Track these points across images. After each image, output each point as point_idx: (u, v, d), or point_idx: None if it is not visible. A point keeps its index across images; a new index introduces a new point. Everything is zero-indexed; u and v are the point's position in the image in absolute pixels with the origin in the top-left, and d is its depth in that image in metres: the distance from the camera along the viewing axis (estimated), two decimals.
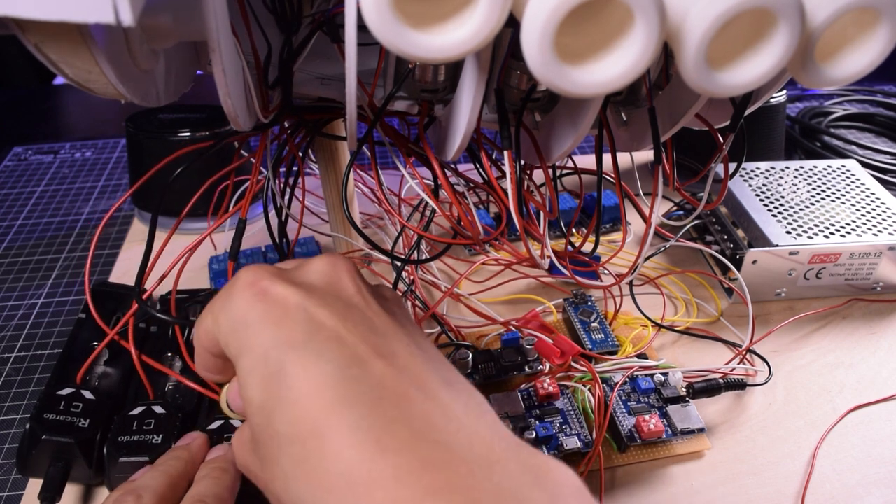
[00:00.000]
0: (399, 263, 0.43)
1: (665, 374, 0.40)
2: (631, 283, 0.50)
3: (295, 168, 0.40)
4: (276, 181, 0.39)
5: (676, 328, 0.47)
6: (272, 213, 0.41)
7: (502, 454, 0.20)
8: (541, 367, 0.43)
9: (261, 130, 0.35)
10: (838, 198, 0.52)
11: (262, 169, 0.45)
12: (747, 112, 0.34)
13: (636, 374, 0.41)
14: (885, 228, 0.49)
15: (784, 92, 0.63)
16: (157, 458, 0.32)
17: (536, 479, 0.20)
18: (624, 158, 0.62)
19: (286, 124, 0.38)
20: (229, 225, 0.56)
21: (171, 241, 0.35)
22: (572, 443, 0.37)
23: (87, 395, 0.36)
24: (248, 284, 0.24)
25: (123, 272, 0.54)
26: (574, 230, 0.57)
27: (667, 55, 0.33)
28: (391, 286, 0.41)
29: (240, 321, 0.23)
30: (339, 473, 0.19)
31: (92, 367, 0.40)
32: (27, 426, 0.35)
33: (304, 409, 0.20)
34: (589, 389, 0.39)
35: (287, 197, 0.41)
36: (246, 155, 0.41)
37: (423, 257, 0.50)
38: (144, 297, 0.34)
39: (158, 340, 0.42)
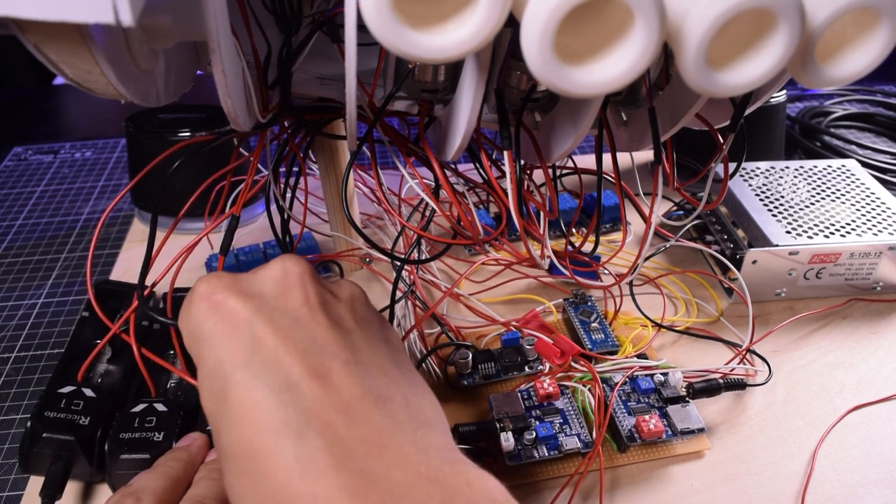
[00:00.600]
0: (398, 263, 0.43)
1: (665, 374, 0.40)
2: (631, 283, 0.50)
3: (295, 168, 0.40)
4: (277, 181, 0.39)
5: (676, 328, 0.47)
6: (274, 211, 0.41)
7: (422, 476, 0.21)
8: (541, 367, 0.43)
9: (260, 130, 0.35)
10: (838, 198, 0.52)
11: (260, 168, 0.45)
12: (747, 112, 0.34)
13: (636, 374, 0.41)
14: (885, 228, 0.49)
15: (784, 92, 0.63)
16: (157, 459, 0.32)
17: (450, 499, 0.21)
18: (624, 158, 0.62)
19: (286, 124, 0.38)
20: (226, 225, 0.56)
21: (170, 241, 0.35)
22: (572, 443, 0.37)
23: (88, 392, 0.36)
24: (204, 296, 0.25)
25: (124, 272, 0.54)
26: (574, 230, 0.57)
27: (667, 55, 0.33)
28: (391, 285, 0.41)
29: (196, 332, 0.25)
30: (270, 495, 0.21)
31: (94, 364, 0.40)
32: (28, 424, 0.35)
33: (241, 431, 0.22)
34: (589, 389, 0.39)
35: (288, 197, 0.41)
36: (245, 154, 0.41)
37: (423, 257, 0.50)
38: (146, 293, 0.34)
39: (161, 338, 0.42)
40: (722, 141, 0.36)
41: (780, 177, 0.55)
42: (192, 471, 0.32)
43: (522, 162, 0.35)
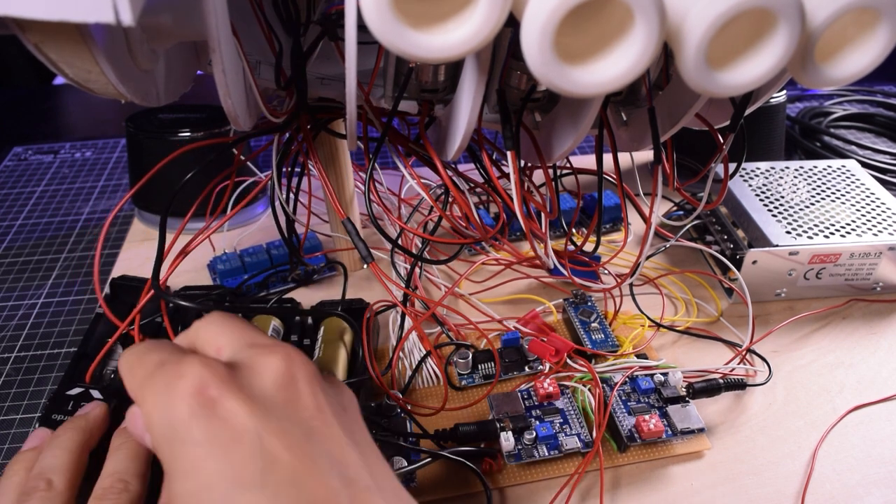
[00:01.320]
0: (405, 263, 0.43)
1: (665, 374, 0.40)
2: (631, 284, 0.50)
3: (297, 169, 0.40)
4: (280, 181, 0.39)
5: (676, 328, 0.47)
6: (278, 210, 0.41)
7: None
8: (541, 367, 0.43)
9: (276, 131, 0.35)
10: (838, 198, 0.52)
11: (255, 169, 0.45)
12: (747, 112, 0.34)
13: (636, 374, 0.41)
14: (885, 228, 0.49)
15: (784, 92, 0.63)
16: (56, 430, 0.30)
17: None
18: (624, 158, 0.62)
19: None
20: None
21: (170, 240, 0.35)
22: (572, 443, 0.37)
23: (96, 394, 0.36)
24: (194, 390, 0.21)
25: (123, 272, 0.54)
26: (574, 230, 0.57)
27: (667, 55, 0.33)
28: (391, 285, 0.41)
29: (178, 433, 0.20)
30: None
31: (107, 362, 0.40)
32: (36, 426, 0.35)
33: None
34: (589, 389, 0.39)
35: (293, 198, 0.41)
36: (243, 158, 0.41)
37: (424, 257, 0.50)
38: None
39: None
40: (722, 141, 0.36)
41: (780, 177, 0.55)
42: (93, 440, 0.29)
43: (523, 162, 0.35)
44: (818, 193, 0.53)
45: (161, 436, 0.21)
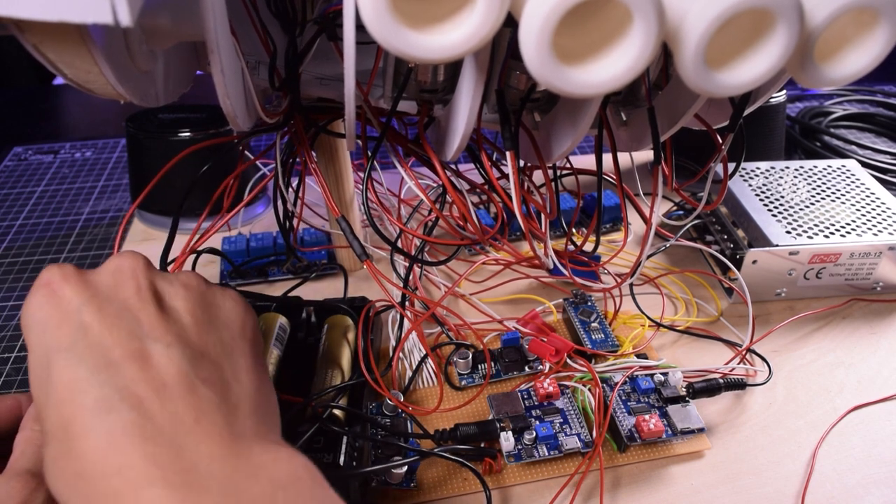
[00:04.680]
0: (405, 264, 0.43)
1: (665, 374, 0.40)
2: (631, 283, 0.50)
3: (295, 170, 0.40)
4: (278, 181, 0.39)
5: (676, 328, 0.47)
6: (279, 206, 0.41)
7: (230, 451, 0.22)
8: (541, 367, 0.43)
9: (270, 131, 0.35)
10: (838, 198, 0.52)
11: (259, 165, 0.45)
12: (747, 112, 0.34)
13: (636, 373, 0.41)
14: (885, 228, 0.49)
15: (784, 92, 0.63)
16: None
17: (254, 473, 0.22)
18: (624, 158, 0.62)
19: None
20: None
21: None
22: (572, 443, 0.37)
23: None
24: (44, 284, 0.25)
25: None
26: (574, 230, 0.57)
27: (666, 55, 0.33)
28: (390, 285, 0.41)
29: (29, 320, 0.25)
30: (79, 472, 0.21)
31: None
32: None
33: (60, 412, 0.23)
34: (589, 389, 0.39)
35: (293, 198, 0.41)
36: (251, 157, 0.41)
37: (424, 258, 0.49)
38: None
39: None
40: (721, 141, 0.36)
41: (780, 177, 0.55)
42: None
43: (523, 163, 0.35)
44: (818, 193, 0.53)
45: (24, 328, 0.25)
